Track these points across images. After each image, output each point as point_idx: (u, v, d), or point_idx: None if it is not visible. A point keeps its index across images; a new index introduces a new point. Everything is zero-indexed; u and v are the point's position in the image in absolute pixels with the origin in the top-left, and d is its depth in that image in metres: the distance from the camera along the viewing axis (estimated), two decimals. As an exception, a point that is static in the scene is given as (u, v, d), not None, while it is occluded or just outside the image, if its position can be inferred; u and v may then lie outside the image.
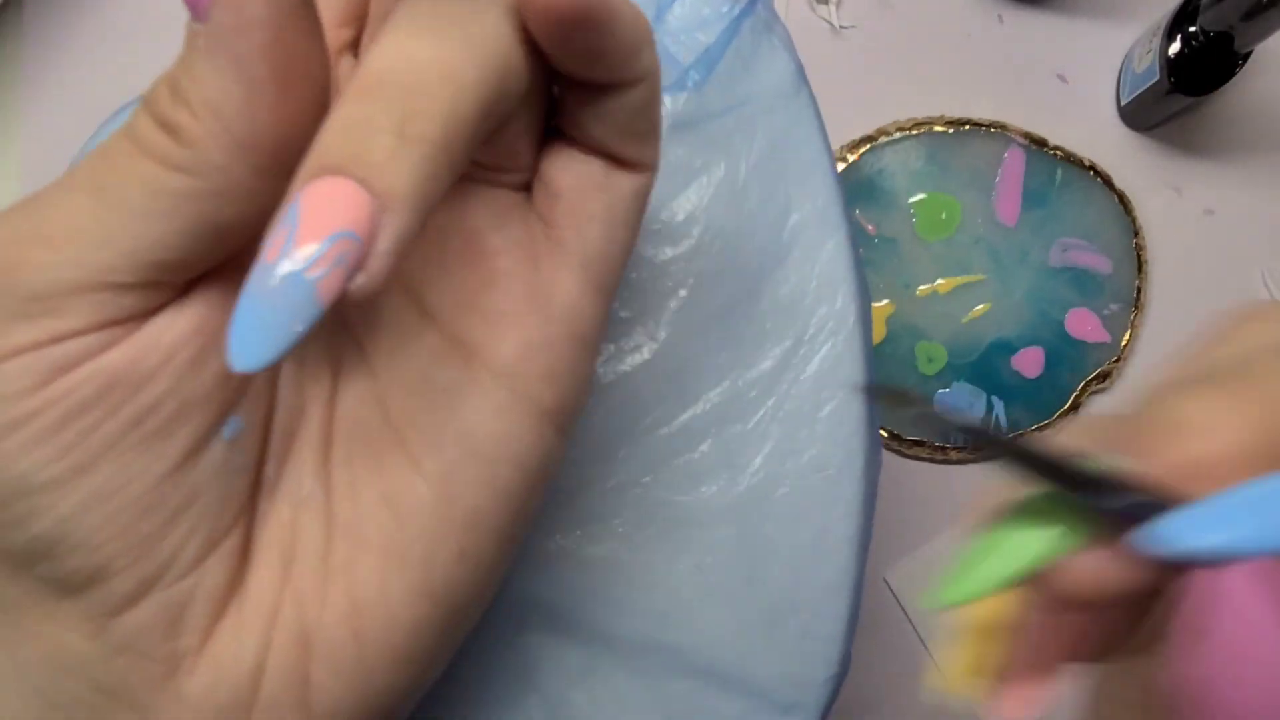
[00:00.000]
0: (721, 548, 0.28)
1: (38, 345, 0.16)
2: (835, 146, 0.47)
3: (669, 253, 0.29)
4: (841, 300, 0.29)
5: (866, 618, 0.45)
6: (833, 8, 0.47)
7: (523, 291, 0.20)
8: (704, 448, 0.28)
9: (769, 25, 0.30)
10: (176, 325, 0.18)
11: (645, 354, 0.28)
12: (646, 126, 0.19)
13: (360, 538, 0.19)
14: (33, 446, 0.16)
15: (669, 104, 0.29)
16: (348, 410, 0.20)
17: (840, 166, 0.47)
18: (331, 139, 0.15)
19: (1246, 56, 0.42)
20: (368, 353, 0.21)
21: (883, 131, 0.47)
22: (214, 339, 0.18)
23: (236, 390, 0.19)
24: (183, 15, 0.16)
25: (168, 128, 0.16)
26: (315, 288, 0.15)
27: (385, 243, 0.15)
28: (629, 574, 0.27)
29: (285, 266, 0.15)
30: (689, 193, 0.29)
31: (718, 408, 0.28)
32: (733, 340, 0.28)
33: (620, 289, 0.28)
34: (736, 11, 0.30)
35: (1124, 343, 0.46)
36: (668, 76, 0.29)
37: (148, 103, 0.17)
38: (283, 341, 0.15)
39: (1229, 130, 0.48)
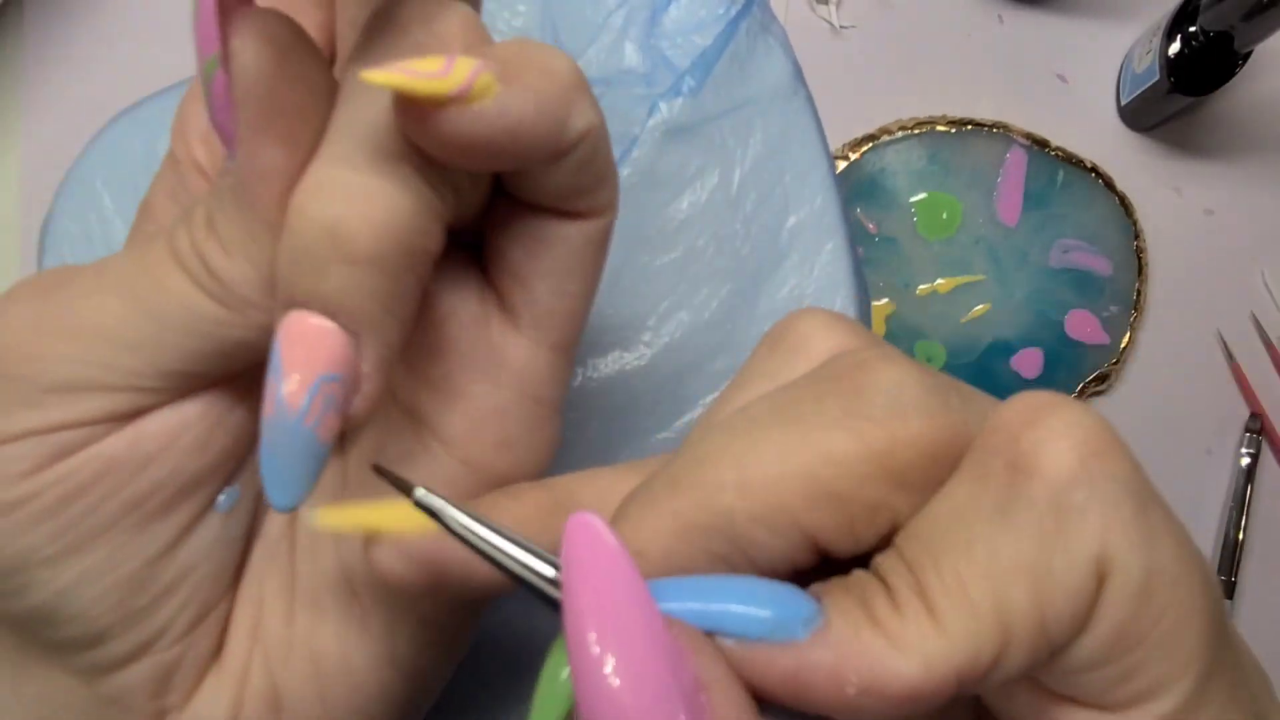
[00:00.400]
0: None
1: (41, 431, 0.16)
2: (836, 145, 0.47)
3: (666, 258, 0.29)
4: (840, 302, 0.29)
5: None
6: (833, 8, 0.47)
7: (471, 359, 0.19)
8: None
9: (765, 26, 0.30)
10: (180, 412, 0.18)
11: (643, 359, 0.28)
12: (593, 178, 0.18)
13: (319, 606, 0.19)
14: (31, 526, 0.17)
15: (664, 110, 0.29)
16: None
17: (841, 165, 0.47)
18: (285, 269, 0.15)
19: (1246, 56, 0.42)
20: None
21: (885, 130, 0.47)
22: (219, 423, 0.18)
23: (237, 463, 0.19)
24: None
25: (201, 257, 0.16)
26: (315, 434, 0.15)
27: (368, 365, 0.15)
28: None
29: (284, 422, 0.15)
30: (685, 197, 0.29)
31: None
32: (731, 344, 0.28)
33: (616, 294, 0.28)
34: (733, 14, 0.29)
35: (1123, 345, 0.46)
36: (663, 82, 0.29)
37: (188, 224, 0.16)
38: (305, 481, 0.16)
39: (1229, 130, 0.48)
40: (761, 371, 0.16)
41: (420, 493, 0.14)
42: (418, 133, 0.15)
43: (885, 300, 0.46)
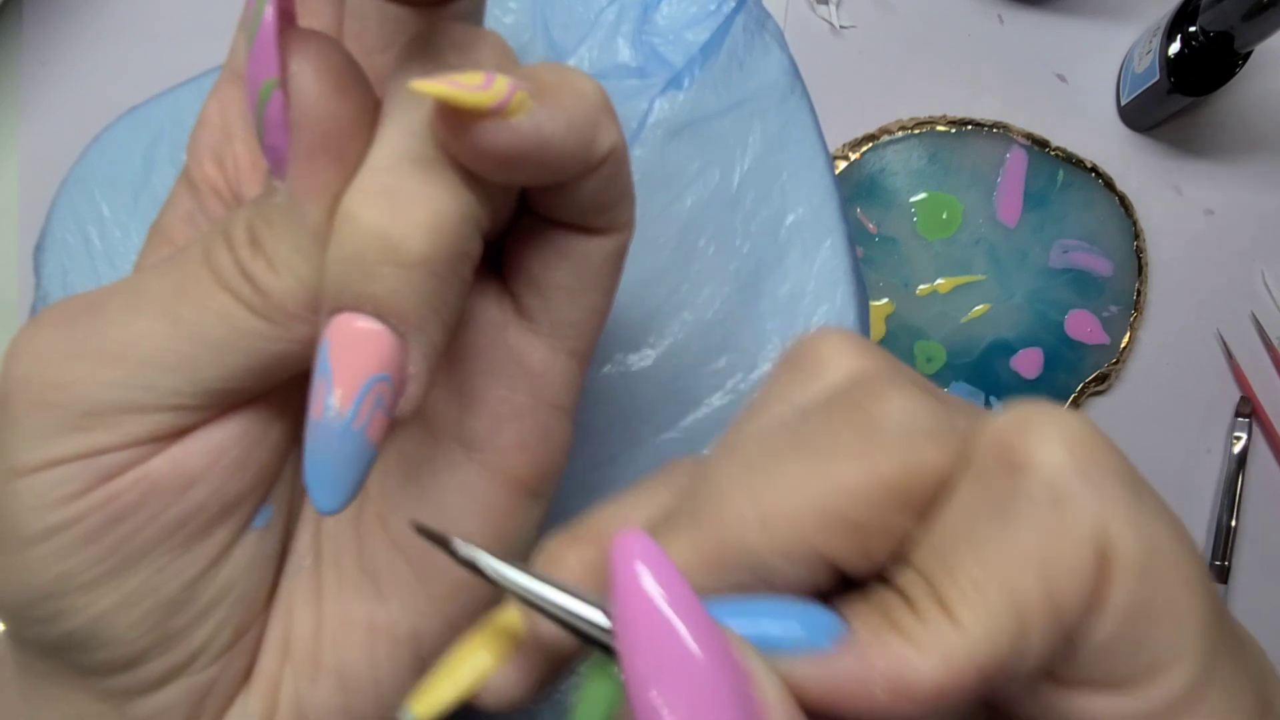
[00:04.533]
0: (722, 549, 0.28)
1: (85, 455, 0.16)
2: (836, 145, 0.47)
3: (669, 258, 0.29)
4: (841, 299, 0.29)
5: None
6: (833, 8, 0.47)
7: (490, 364, 0.19)
8: (708, 452, 0.28)
9: (761, 23, 0.30)
10: (221, 431, 0.18)
11: (647, 360, 0.28)
12: (614, 196, 0.18)
13: (346, 614, 0.19)
14: (72, 551, 0.17)
15: (663, 108, 0.29)
16: None
17: (841, 165, 0.47)
18: (335, 274, 0.15)
19: (1246, 56, 0.42)
20: None
21: (885, 130, 0.47)
22: (257, 441, 0.18)
23: (273, 480, 0.19)
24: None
25: (246, 275, 0.16)
26: (365, 435, 0.16)
27: (415, 365, 0.16)
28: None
29: (333, 424, 0.15)
30: (688, 196, 0.29)
31: (720, 411, 0.28)
32: (733, 343, 0.28)
33: (620, 296, 0.28)
34: (726, 10, 0.29)
35: (1123, 345, 0.46)
36: (656, 77, 0.29)
37: (228, 241, 0.17)
38: (353, 483, 0.16)
39: (1229, 130, 0.48)
40: (780, 395, 0.17)
41: (458, 543, 0.15)
42: (457, 143, 0.15)
43: (885, 300, 0.46)
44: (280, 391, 0.18)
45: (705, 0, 0.30)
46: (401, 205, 0.15)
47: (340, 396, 0.15)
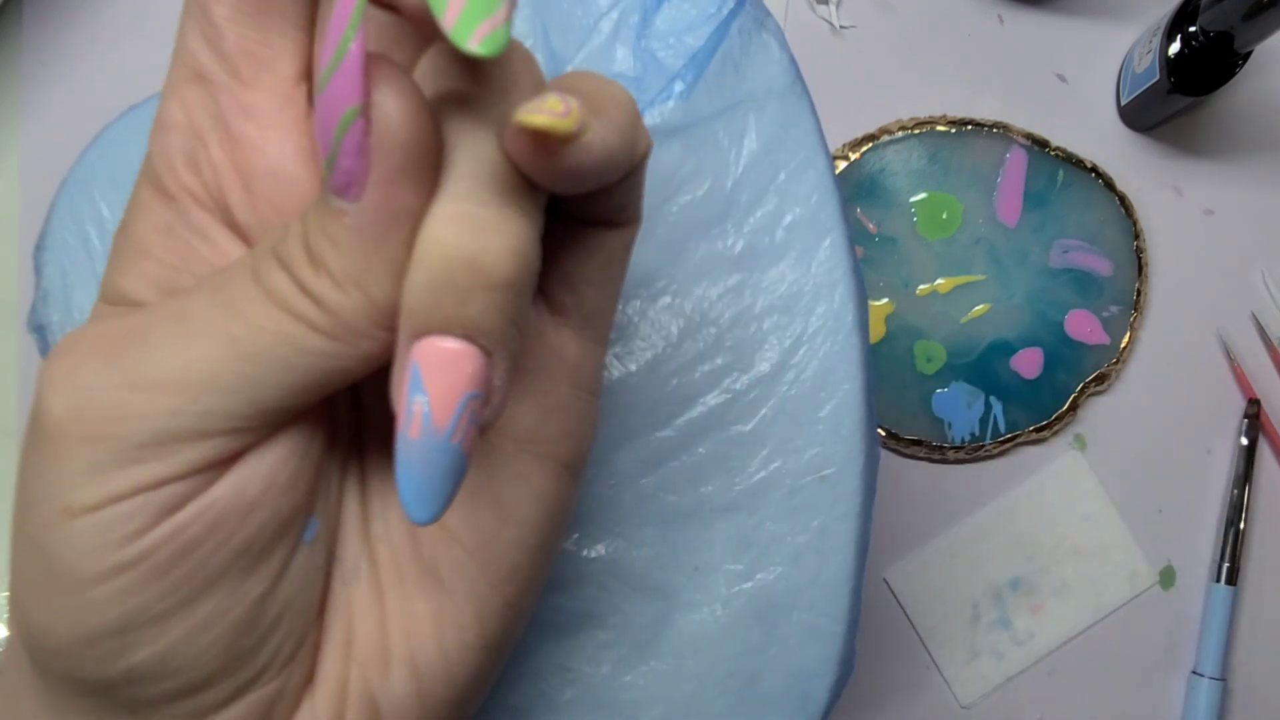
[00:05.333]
0: (721, 548, 0.28)
1: (146, 488, 0.16)
2: (836, 145, 0.47)
3: (664, 258, 0.29)
4: (839, 299, 0.29)
5: (866, 618, 0.45)
6: (833, 8, 0.47)
7: (536, 363, 0.20)
8: (703, 449, 0.28)
9: (760, 22, 0.30)
10: (274, 451, 0.18)
11: (645, 357, 0.28)
12: (639, 190, 0.20)
13: (411, 610, 0.20)
14: (141, 587, 0.17)
15: (655, 115, 0.29)
16: (379, 487, 0.21)
17: (841, 165, 0.47)
18: (425, 300, 0.16)
19: (1246, 56, 0.42)
20: (387, 422, 0.21)
21: (885, 130, 0.47)
22: (305, 456, 0.18)
23: (319, 494, 0.19)
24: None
25: (311, 295, 0.17)
26: (460, 449, 0.16)
27: (499, 379, 0.17)
28: (627, 576, 0.27)
29: (433, 442, 0.16)
30: (682, 196, 0.29)
31: (717, 409, 0.28)
32: (731, 342, 0.28)
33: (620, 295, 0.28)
34: (725, 13, 0.29)
35: (1123, 345, 0.46)
36: (654, 85, 0.29)
37: (283, 262, 0.17)
38: (449, 495, 0.17)
39: (1229, 130, 0.48)
40: None
41: None
42: (541, 167, 0.16)
43: (885, 300, 0.46)
44: (317, 408, 0.19)
45: (705, 3, 0.30)
46: (488, 231, 0.16)
47: (438, 415, 0.16)
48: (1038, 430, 0.46)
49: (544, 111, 0.15)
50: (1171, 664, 0.47)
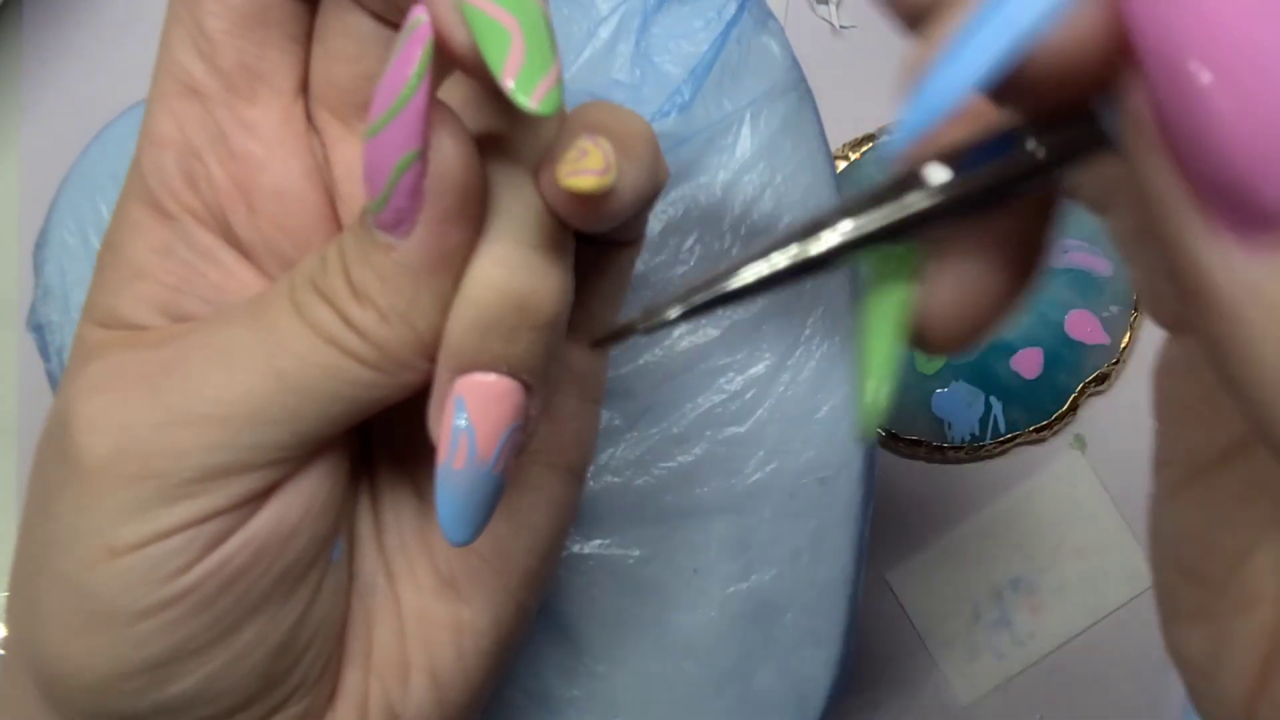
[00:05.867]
0: (718, 550, 0.28)
1: (192, 524, 0.17)
2: (836, 145, 0.47)
3: (661, 257, 0.29)
4: (838, 300, 0.29)
5: (867, 617, 0.45)
6: (833, 8, 0.47)
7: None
8: (699, 450, 0.28)
9: (761, 23, 0.30)
10: (310, 479, 0.18)
11: (643, 358, 0.28)
12: (647, 213, 0.20)
13: (430, 620, 0.20)
14: (188, 619, 0.17)
15: (660, 125, 0.29)
16: (390, 500, 0.21)
17: (841, 165, 0.47)
18: (473, 339, 0.17)
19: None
20: (395, 438, 0.21)
21: (885, 130, 0.47)
22: (337, 481, 0.19)
23: (345, 514, 0.20)
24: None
25: (355, 328, 0.17)
26: (501, 477, 0.17)
27: (536, 409, 0.18)
28: (623, 576, 0.27)
29: (478, 472, 0.17)
30: (681, 196, 0.29)
31: (714, 410, 0.28)
32: (729, 343, 0.28)
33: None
34: (728, 17, 0.29)
35: (1123, 345, 0.46)
36: (653, 93, 0.29)
37: (324, 295, 0.17)
38: (486, 517, 0.17)
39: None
40: None
41: (640, 322, 0.16)
42: (583, 215, 0.17)
43: (885, 300, 0.46)
44: (345, 432, 0.19)
45: (705, 9, 0.30)
46: (535, 275, 0.16)
47: (483, 448, 0.17)
48: (1037, 430, 0.46)
49: (586, 172, 0.16)
50: (1171, 664, 0.47)
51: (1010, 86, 0.11)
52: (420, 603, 0.20)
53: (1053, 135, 0.12)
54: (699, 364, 0.28)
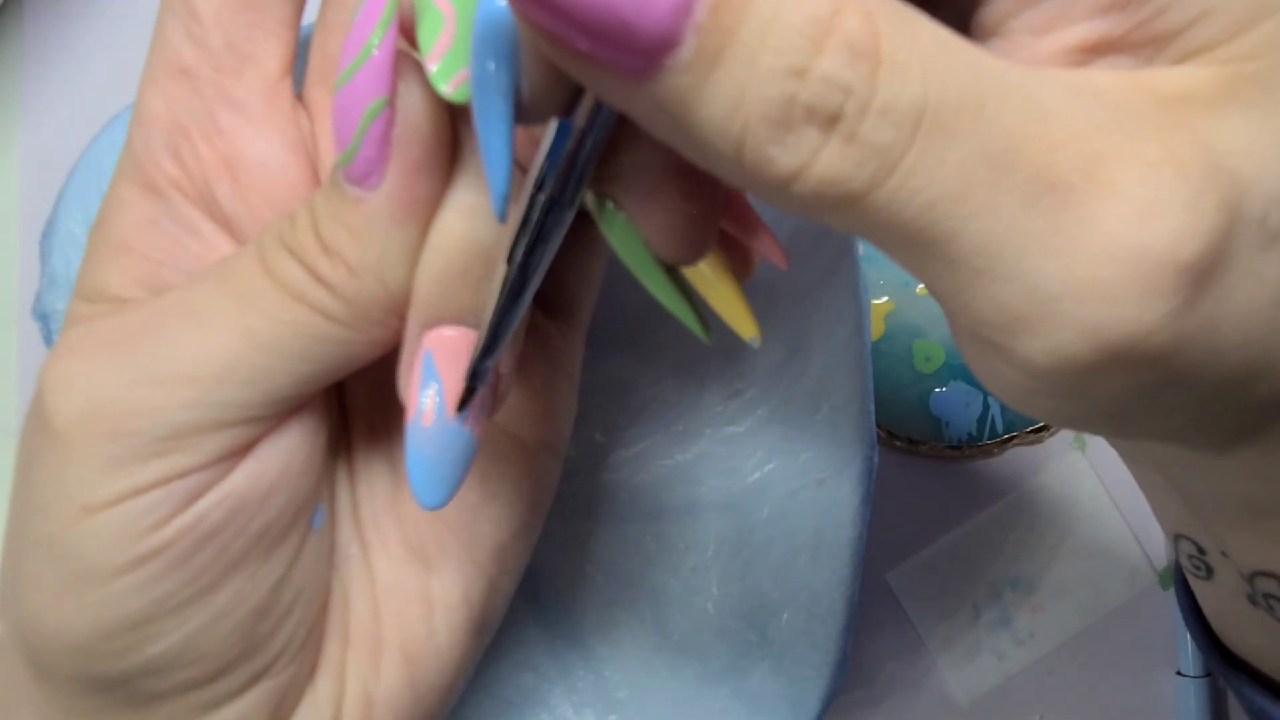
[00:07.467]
0: (716, 550, 0.28)
1: (166, 480, 0.17)
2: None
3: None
4: (840, 301, 0.29)
5: (866, 618, 0.45)
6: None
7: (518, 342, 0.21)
8: (699, 449, 0.28)
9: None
10: (288, 438, 0.18)
11: (637, 361, 0.28)
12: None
13: (401, 592, 0.20)
14: (163, 577, 0.17)
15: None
16: (364, 472, 0.21)
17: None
18: (440, 289, 0.16)
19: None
20: (371, 408, 0.21)
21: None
22: (315, 441, 0.19)
23: (324, 479, 0.20)
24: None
25: (325, 283, 0.17)
26: (472, 434, 0.17)
27: (506, 366, 0.17)
28: (622, 576, 0.27)
29: (445, 429, 0.17)
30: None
31: (713, 410, 0.28)
32: (728, 342, 0.28)
33: (611, 298, 0.28)
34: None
35: (1124, 343, 0.46)
36: None
37: (293, 251, 0.17)
38: (458, 479, 0.17)
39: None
40: None
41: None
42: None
43: (885, 298, 0.46)
44: (322, 394, 0.19)
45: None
46: (496, 223, 0.16)
47: (452, 403, 0.17)
48: (1035, 431, 0.46)
49: None
50: (1171, 664, 0.47)
51: (526, 117, 0.14)
52: (393, 574, 0.20)
53: (580, 111, 0.15)
54: (700, 365, 0.28)
